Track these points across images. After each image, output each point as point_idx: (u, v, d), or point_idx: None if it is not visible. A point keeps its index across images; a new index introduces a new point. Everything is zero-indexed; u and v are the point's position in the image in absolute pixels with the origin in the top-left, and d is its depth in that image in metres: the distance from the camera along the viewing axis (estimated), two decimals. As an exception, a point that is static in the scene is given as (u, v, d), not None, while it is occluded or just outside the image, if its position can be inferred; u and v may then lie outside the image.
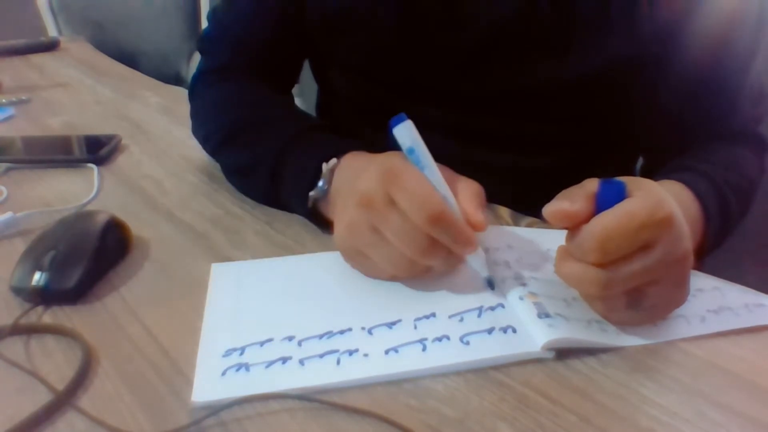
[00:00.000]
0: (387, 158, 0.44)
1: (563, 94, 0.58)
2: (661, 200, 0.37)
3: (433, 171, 0.43)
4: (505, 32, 0.56)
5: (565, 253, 0.39)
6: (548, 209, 0.38)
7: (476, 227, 0.42)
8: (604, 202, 0.37)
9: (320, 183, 0.50)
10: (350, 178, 0.47)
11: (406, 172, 0.41)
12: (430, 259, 0.41)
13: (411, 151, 0.43)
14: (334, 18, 0.63)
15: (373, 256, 0.43)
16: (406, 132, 0.43)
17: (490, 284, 0.43)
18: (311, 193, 0.50)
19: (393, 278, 0.45)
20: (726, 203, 0.52)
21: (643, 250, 0.36)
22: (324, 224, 0.52)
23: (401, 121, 0.43)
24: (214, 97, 0.67)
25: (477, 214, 0.42)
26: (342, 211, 0.44)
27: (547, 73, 0.57)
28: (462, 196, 0.43)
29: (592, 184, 0.38)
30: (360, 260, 0.44)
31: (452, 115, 0.63)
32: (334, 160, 0.50)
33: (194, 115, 0.68)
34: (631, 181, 0.38)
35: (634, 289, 0.37)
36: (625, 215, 0.36)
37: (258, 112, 0.61)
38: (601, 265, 0.36)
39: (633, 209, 0.36)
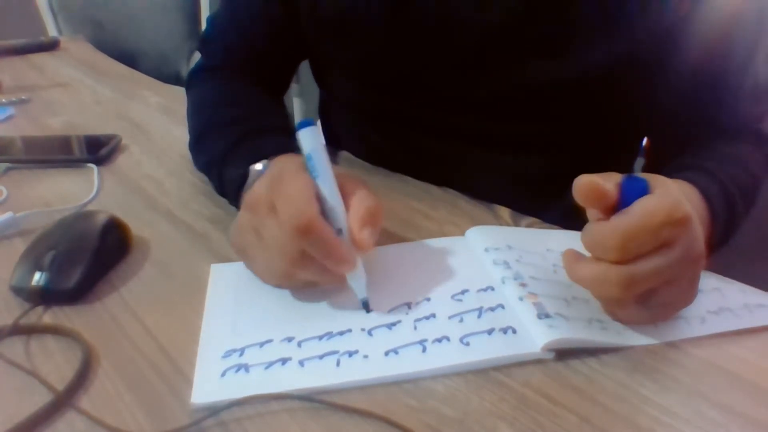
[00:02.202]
0: (285, 163, 0.44)
1: (561, 94, 0.58)
2: (679, 199, 0.37)
3: (327, 180, 0.42)
4: (501, 34, 0.56)
5: (577, 256, 0.39)
6: (581, 180, 0.37)
7: (358, 246, 0.41)
8: (627, 196, 0.37)
9: (245, 186, 0.51)
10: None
11: (291, 179, 0.41)
12: (301, 271, 0.40)
13: (309, 157, 0.42)
14: (329, 22, 0.63)
15: (254, 259, 0.43)
16: (307, 138, 0.43)
17: (365, 306, 0.42)
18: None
19: (277, 285, 0.44)
20: (732, 201, 0.52)
21: (662, 249, 0.36)
22: None
23: (306, 126, 0.43)
24: (198, 96, 0.69)
25: (361, 232, 0.41)
26: (240, 211, 0.45)
27: (544, 73, 0.57)
28: (353, 212, 0.42)
29: (618, 176, 0.38)
30: (246, 260, 0.44)
31: (451, 116, 0.63)
32: (259, 165, 0.51)
33: (186, 111, 0.69)
34: (650, 179, 0.38)
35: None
36: (646, 213, 0.36)
37: (224, 113, 0.63)
38: (621, 263, 0.36)
39: (653, 207, 0.36)
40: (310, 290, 0.44)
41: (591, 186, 0.37)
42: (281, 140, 0.54)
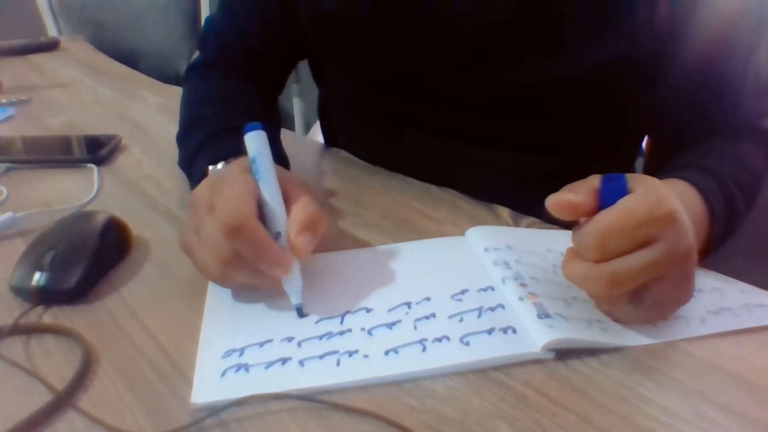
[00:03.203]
0: (232, 165, 0.45)
1: (561, 94, 0.58)
2: (663, 197, 0.37)
3: (269, 184, 0.42)
4: (498, 33, 0.56)
5: (570, 254, 0.39)
6: (551, 199, 0.38)
7: (295, 250, 0.41)
8: (606, 197, 0.37)
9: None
10: None
11: (232, 180, 0.41)
12: (235, 271, 0.40)
13: (253, 160, 0.43)
14: (327, 21, 0.63)
15: (195, 257, 0.43)
16: (252, 141, 0.43)
17: (299, 312, 0.42)
18: None
19: (219, 284, 0.44)
20: (732, 200, 0.52)
21: (644, 247, 0.36)
22: None
23: (253, 129, 0.43)
24: (188, 92, 0.69)
25: (298, 237, 0.41)
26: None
27: (543, 73, 0.57)
28: (292, 216, 0.42)
29: (595, 180, 0.38)
30: (190, 257, 0.44)
31: (450, 116, 0.63)
32: (215, 166, 0.51)
33: None
34: (632, 178, 0.38)
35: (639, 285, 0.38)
36: (624, 212, 0.36)
37: (203, 111, 0.63)
38: (604, 262, 0.36)
39: (633, 206, 0.36)
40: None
41: (561, 203, 0.38)
42: (233, 142, 0.54)
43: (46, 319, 0.43)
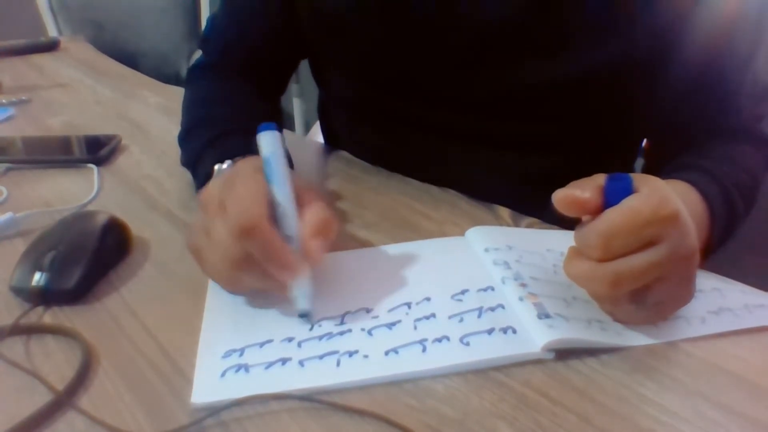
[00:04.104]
0: (243, 165, 0.44)
1: (561, 94, 0.58)
2: (667, 197, 0.37)
3: (282, 186, 0.41)
4: (499, 33, 0.56)
5: (573, 253, 0.39)
6: (558, 195, 0.38)
7: (307, 254, 0.40)
8: (611, 196, 0.37)
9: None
10: None
11: (244, 180, 0.40)
12: (242, 273, 0.40)
13: (266, 161, 0.42)
14: (328, 21, 0.63)
15: (205, 260, 0.42)
16: (266, 141, 0.42)
17: (303, 318, 0.41)
18: None
19: (229, 290, 0.43)
20: (731, 202, 0.52)
21: (648, 247, 0.36)
22: None
23: (267, 129, 0.42)
24: (191, 93, 0.69)
25: (311, 242, 0.40)
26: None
27: (543, 73, 0.57)
28: (306, 220, 0.41)
29: (601, 178, 0.38)
30: (198, 260, 0.43)
31: (451, 116, 0.63)
32: (221, 165, 0.51)
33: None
34: (637, 178, 0.38)
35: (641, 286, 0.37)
36: (629, 211, 0.36)
37: (208, 111, 0.63)
38: (607, 261, 0.36)
39: (638, 206, 0.36)
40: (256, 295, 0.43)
41: (568, 199, 0.37)
42: (252, 142, 0.54)
43: (46, 319, 0.43)
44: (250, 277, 0.40)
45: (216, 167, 0.52)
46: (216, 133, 0.57)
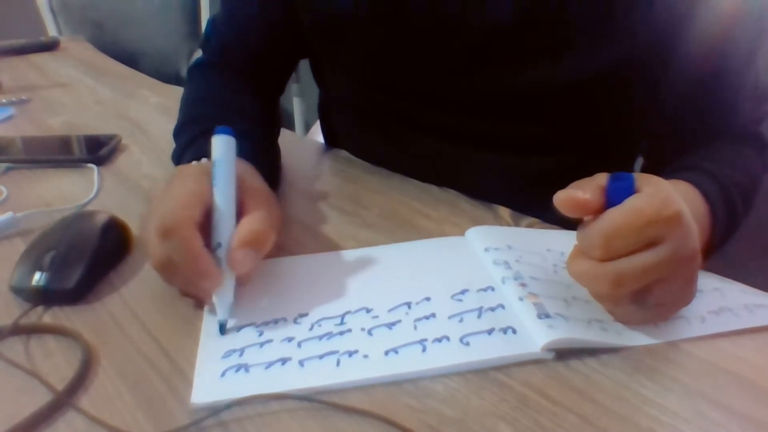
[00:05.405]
0: (194, 166, 0.45)
1: (561, 96, 0.58)
2: (670, 197, 0.37)
3: (224, 191, 0.42)
4: (500, 36, 0.56)
5: (576, 252, 0.39)
6: (560, 196, 0.38)
7: (231, 264, 0.40)
8: (613, 196, 0.37)
9: None
10: None
11: (183, 181, 0.41)
12: (167, 274, 0.40)
13: (214, 164, 0.42)
14: (328, 23, 0.63)
15: (148, 255, 0.42)
16: (217, 145, 0.43)
17: (221, 329, 0.40)
18: None
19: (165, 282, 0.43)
20: (732, 203, 0.52)
21: (650, 247, 0.36)
22: None
23: (222, 132, 0.43)
24: (187, 91, 0.69)
25: (236, 252, 0.40)
26: None
27: (543, 75, 0.57)
28: (238, 229, 0.41)
29: (603, 177, 0.38)
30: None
31: (450, 117, 0.63)
32: (200, 162, 0.51)
33: None
34: (640, 177, 0.38)
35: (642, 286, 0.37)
36: (632, 211, 0.36)
37: (197, 110, 0.64)
38: (609, 261, 0.36)
39: (640, 205, 0.36)
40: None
41: (569, 200, 0.37)
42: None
43: (46, 319, 0.43)
44: (175, 278, 0.41)
45: (194, 164, 0.51)
46: (201, 131, 0.57)
